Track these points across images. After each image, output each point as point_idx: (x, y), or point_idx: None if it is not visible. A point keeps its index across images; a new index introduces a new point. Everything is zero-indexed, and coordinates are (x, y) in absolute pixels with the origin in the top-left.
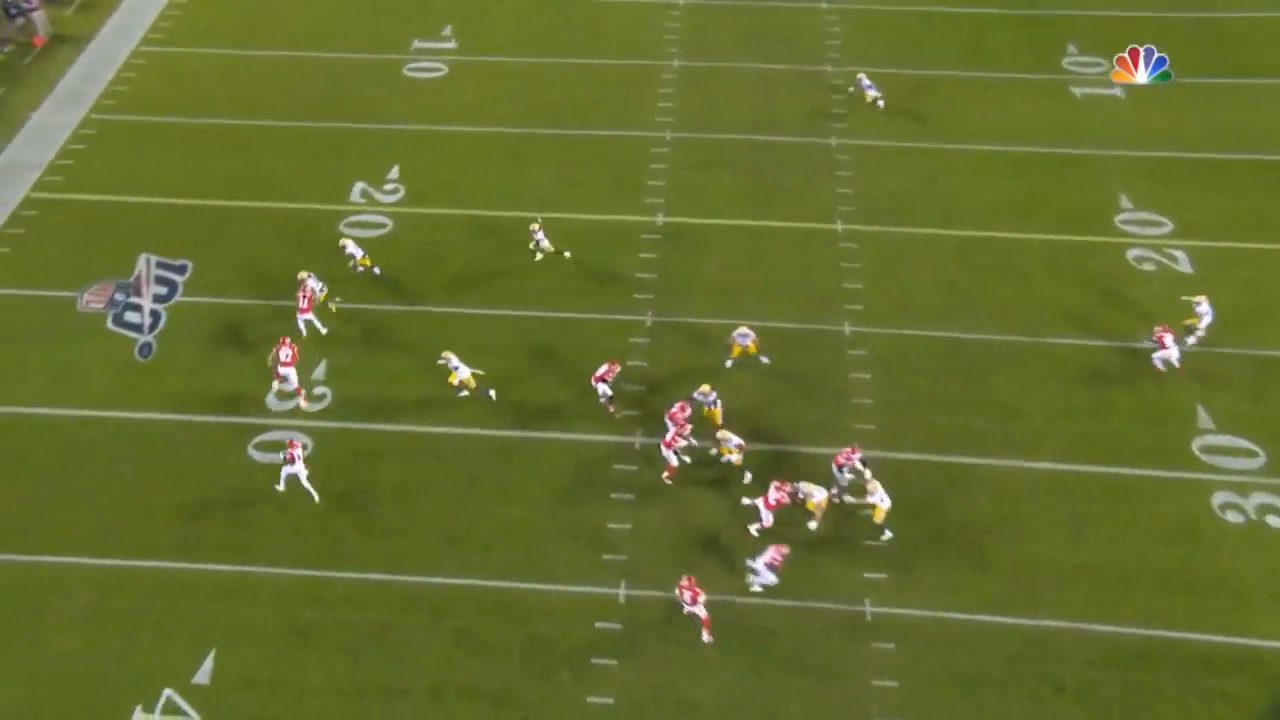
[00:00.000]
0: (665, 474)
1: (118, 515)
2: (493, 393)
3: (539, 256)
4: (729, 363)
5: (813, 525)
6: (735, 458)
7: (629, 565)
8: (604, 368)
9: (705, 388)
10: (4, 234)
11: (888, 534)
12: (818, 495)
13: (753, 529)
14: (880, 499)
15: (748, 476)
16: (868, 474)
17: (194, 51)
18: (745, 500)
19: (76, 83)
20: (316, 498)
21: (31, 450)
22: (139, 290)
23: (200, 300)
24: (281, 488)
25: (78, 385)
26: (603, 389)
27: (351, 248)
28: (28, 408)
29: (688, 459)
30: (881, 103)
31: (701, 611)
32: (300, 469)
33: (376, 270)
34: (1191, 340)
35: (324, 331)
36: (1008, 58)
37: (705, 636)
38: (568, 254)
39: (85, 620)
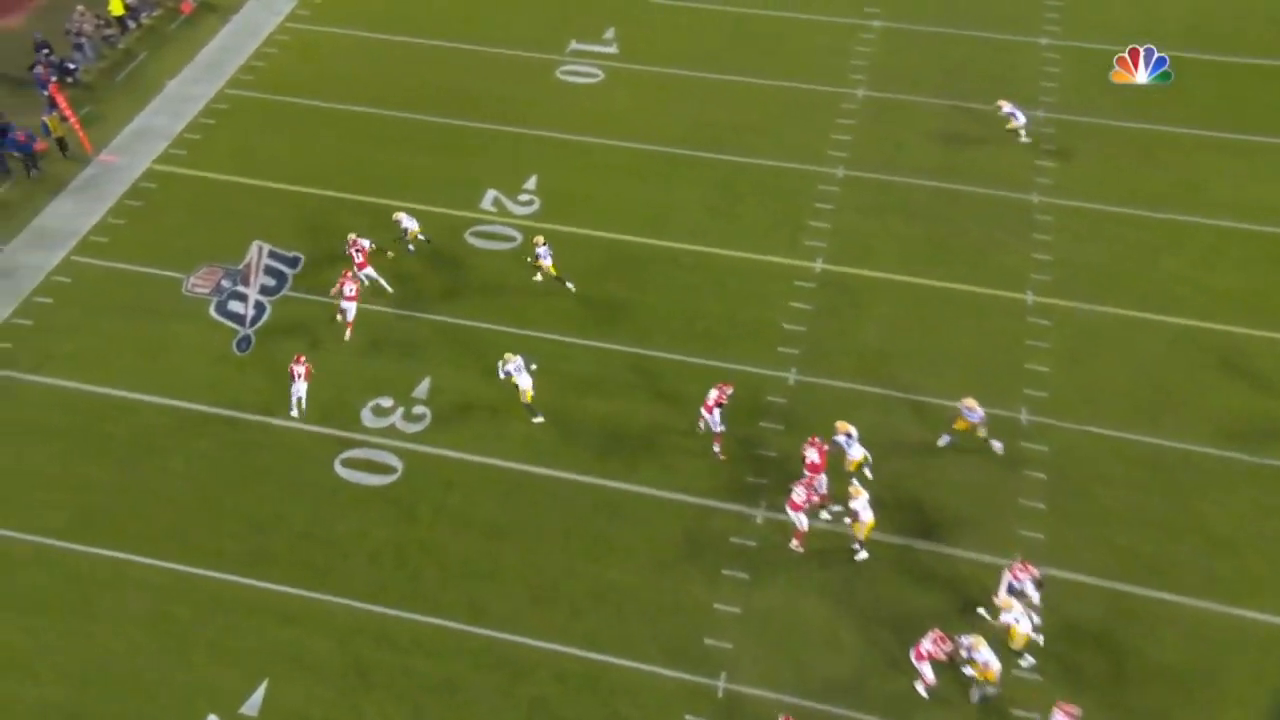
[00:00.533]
0: (794, 541)
1: (188, 516)
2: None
3: (538, 278)
4: (944, 439)
5: (985, 691)
6: (849, 520)
7: (733, 655)
8: (714, 393)
9: (844, 425)
10: (122, 205)
11: (1029, 660)
12: (982, 654)
13: (920, 687)
14: (1016, 619)
15: (862, 554)
16: (1035, 598)
17: (339, 31)
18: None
19: (217, 53)
20: (298, 411)
21: (110, 433)
22: (246, 279)
23: (308, 297)
24: (295, 413)
25: (169, 372)
26: (714, 420)
27: (406, 221)
28: (114, 388)
29: (822, 515)
30: (1024, 135)
31: None
32: (302, 387)
33: (426, 239)
34: None
35: (389, 291)
36: (1272, 118)
37: None
38: (571, 286)
39: (139, 624)
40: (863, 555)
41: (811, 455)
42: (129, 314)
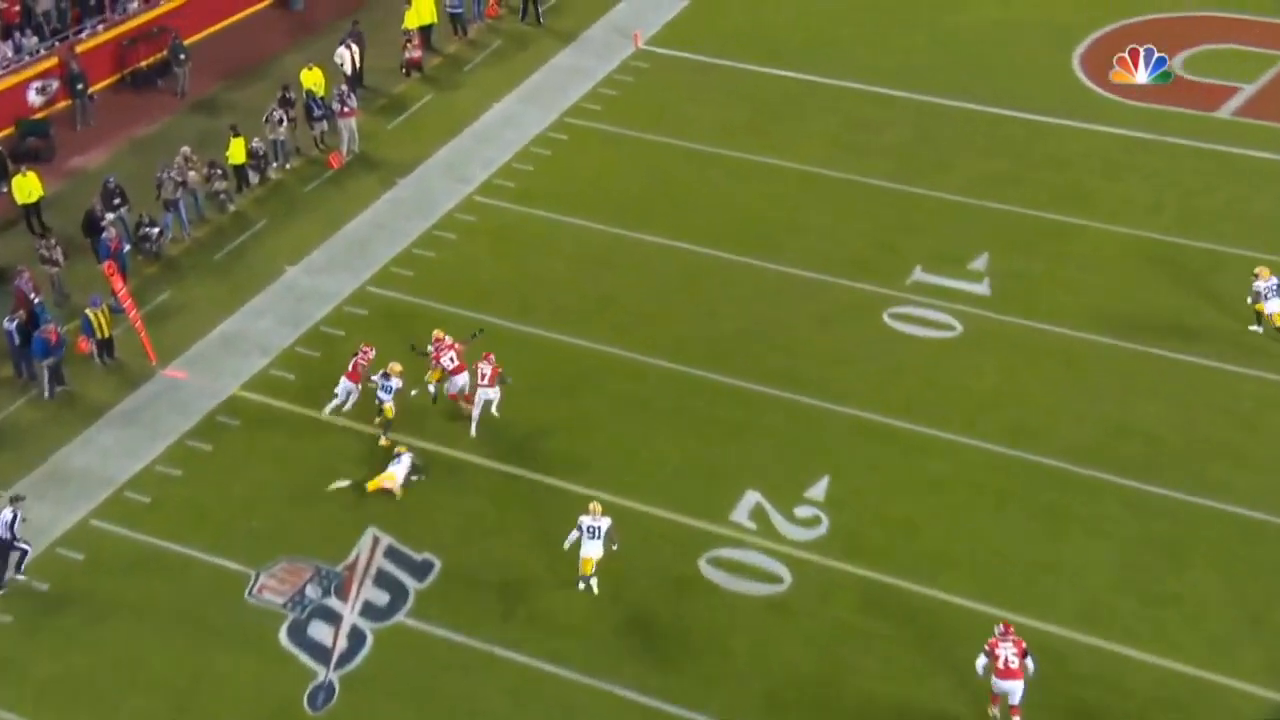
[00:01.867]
0: None
1: None
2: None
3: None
4: None
5: None
6: None
7: None
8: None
9: None
10: (184, 447)
11: None
12: None
13: None
14: None
15: None
16: None
17: (549, 216)
18: None
19: (367, 232)
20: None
21: None
22: (345, 589)
23: (436, 631)
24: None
25: None
26: None
27: (445, 358)
28: None
29: None
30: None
31: None
32: (353, 390)
33: (432, 388)
34: None
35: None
36: None
37: None
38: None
39: None
40: None
41: None
42: (154, 625)
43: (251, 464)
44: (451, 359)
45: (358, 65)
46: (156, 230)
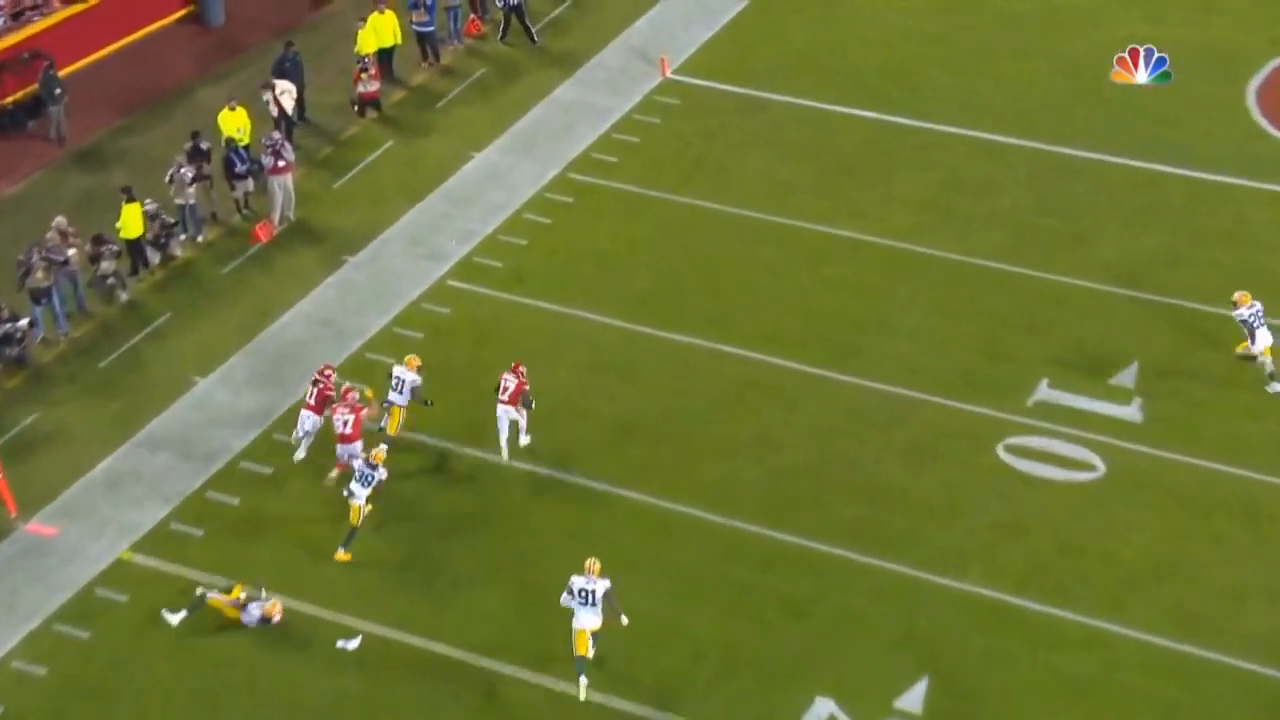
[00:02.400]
0: None
1: None
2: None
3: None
4: None
5: None
6: None
7: None
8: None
9: None
10: (50, 634)
11: None
12: None
13: None
14: None
15: None
16: None
17: (544, 309)
18: None
19: (302, 329)
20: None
21: None
22: None
23: None
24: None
25: None
26: None
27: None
28: None
29: None
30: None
31: None
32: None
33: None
34: None
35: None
36: None
37: None
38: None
39: None
40: None
41: None
42: None
43: (143, 658)
44: (346, 423)
45: (291, 103)
46: (22, 326)
